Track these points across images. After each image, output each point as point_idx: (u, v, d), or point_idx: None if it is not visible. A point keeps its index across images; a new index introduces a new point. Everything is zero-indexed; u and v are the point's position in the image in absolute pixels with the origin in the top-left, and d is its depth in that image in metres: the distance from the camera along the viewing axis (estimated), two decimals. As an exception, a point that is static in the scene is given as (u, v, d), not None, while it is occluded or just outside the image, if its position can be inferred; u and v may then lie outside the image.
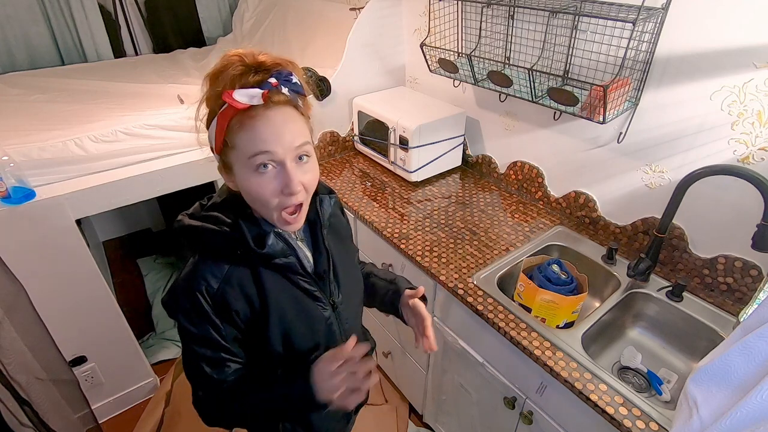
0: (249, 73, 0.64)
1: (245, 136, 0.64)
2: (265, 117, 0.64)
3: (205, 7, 2.80)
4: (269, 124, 0.64)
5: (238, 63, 0.64)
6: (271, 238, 0.72)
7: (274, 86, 0.63)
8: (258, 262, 0.73)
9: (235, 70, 0.63)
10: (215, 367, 0.74)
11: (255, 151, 0.64)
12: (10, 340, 1.44)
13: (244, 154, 0.65)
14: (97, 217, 2.84)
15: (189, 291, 0.70)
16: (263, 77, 0.64)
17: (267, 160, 0.65)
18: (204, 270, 0.71)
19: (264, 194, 0.67)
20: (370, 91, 1.95)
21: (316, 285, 0.80)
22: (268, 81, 0.63)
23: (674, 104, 1.17)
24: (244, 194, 0.70)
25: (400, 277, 1.02)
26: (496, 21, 1.46)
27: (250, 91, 0.62)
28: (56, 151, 1.48)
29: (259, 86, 0.63)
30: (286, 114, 0.66)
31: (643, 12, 1.04)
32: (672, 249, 1.28)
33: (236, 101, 0.61)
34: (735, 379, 0.61)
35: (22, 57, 2.31)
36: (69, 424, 1.70)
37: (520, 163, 1.66)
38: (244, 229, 0.70)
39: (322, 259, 0.81)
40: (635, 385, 1.13)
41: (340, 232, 0.91)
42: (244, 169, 0.66)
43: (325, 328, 0.82)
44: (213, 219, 0.72)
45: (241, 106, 0.62)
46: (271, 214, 0.70)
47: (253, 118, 0.63)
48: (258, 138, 0.64)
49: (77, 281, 1.61)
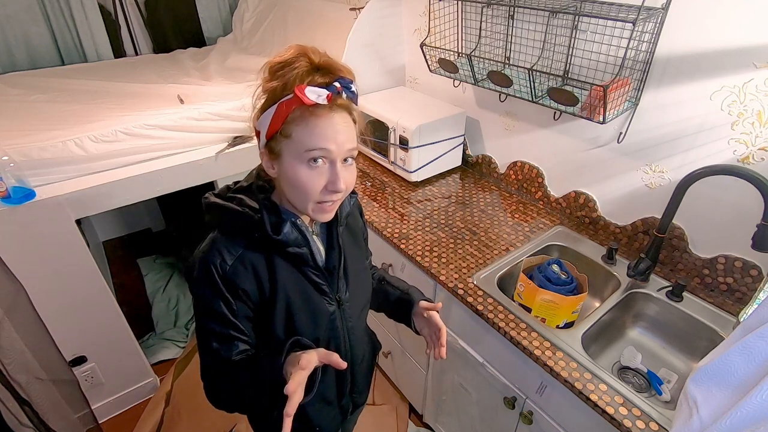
0: (315, 73, 0.68)
1: (306, 131, 0.68)
2: (329, 117, 0.68)
3: (205, 7, 2.80)
4: (331, 124, 0.68)
5: (305, 61, 0.68)
6: (287, 227, 0.75)
7: (339, 90, 0.68)
8: (272, 249, 0.76)
9: (303, 67, 0.67)
10: (223, 342, 0.76)
11: (314, 146, 0.68)
12: (10, 340, 1.44)
13: (301, 146, 0.69)
14: (97, 217, 2.84)
15: (204, 263, 0.73)
16: (330, 80, 0.68)
17: (321, 156, 0.69)
18: (221, 245, 0.74)
19: (310, 186, 0.70)
20: (370, 91, 1.95)
21: (324, 279, 0.82)
22: (334, 84, 0.68)
23: (674, 104, 1.17)
24: (285, 181, 0.73)
25: (413, 288, 1.03)
26: (496, 21, 1.46)
27: (319, 90, 0.66)
28: (56, 151, 1.48)
29: (326, 87, 0.67)
30: (344, 118, 0.70)
31: (643, 12, 1.04)
32: (672, 249, 1.28)
33: (306, 97, 0.65)
34: (735, 379, 0.61)
35: (22, 57, 2.31)
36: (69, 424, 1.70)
37: (520, 163, 1.66)
38: (264, 214, 0.74)
39: (333, 254, 0.84)
40: (635, 385, 1.13)
41: (355, 232, 0.93)
42: (296, 160, 0.70)
43: (328, 323, 0.84)
44: (238, 201, 0.75)
45: (310, 102, 0.66)
46: (307, 205, 0.73)
47: (317, 116, 0.67)
48: (320, 135, 0.68)
49: (77, 281, 1.61)
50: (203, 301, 0.75)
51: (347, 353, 0.90)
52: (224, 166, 1.78)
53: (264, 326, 0.79)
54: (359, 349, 0.95)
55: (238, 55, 2.39)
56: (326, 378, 0.88)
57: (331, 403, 0.95)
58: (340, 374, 0.91)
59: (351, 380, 0.95)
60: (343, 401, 0.97)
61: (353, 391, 0.98)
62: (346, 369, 0.90)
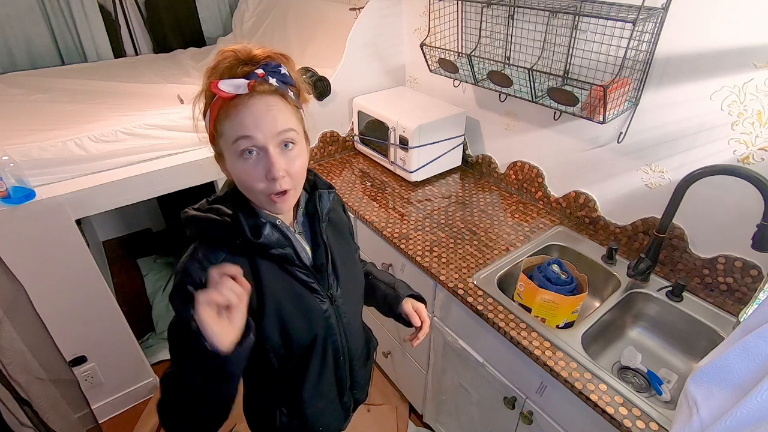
0: (239, 66, 0.67)
1: (229, 123, 0.67)
2: (247, 104, 0.66)
3: (205, 7, 2.80)
4: (250, 111, 0.66)
5: (231, 56, 0.67)
6: (267, 229, 0.74)
7: (261, 77, 0.66)
8: (256, 253, 0.75)
9: (225, 64, 0.67)
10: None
11: (236, 136, 0.67)
12: (10, 340, 1.44)
13: (228, 140, 0.68)
14: (97, 217, 2.84)
15: (182, 276, 0.72)
16: (251, 69, 0.67)
17: (249, 145, 0.67)
18: (201, 256, 0.72)
19: (249, 179, 0.69)
20: (370, 91, 1.95)
21: (313, 277, 0.81)
22: (255, 72, 0.66)
23: (674, 104, 1.17)
24: (235, 181, 0.73)
25: (400, 281, 1.03)
26: (496, 21, 1.46)
27: (236, 81, 0.65)
28: (56, 151, 1.48)
29: (246, 77, 0.66)
30: (269, 102, 0.68)
31: (643, 12, 1.04)
32: (672, 249, 1.28)
33: (221, 90, 0.64)
34: (735, 379, 0.61)
35: (22, 57, 2.31)
36: (69, 424, 1.70)
37: (520, 163, 1.66)
38: (242, 219, 0.73)
39: (320, 251, 0.83)
40: (635, 385, 1.13)
41: (339, 227, 0.92)
42: (231, 156, 0.69)
43: (323, 321, 0.83)
44: (215, 210, 0.75)
45: (225, 95, 0.65)
46: (259, 198, 0.72)
47: (236, 106, 0.66)
48: (239, 123, 0.66)
49: (77, 281, 1.60)
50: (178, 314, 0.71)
51: (344, 349, 0.90)
52: (224, 166, 1.78)
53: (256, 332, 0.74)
54: (356, 344, 0.94)
55: (238, 55, 2.39)
56: (325, 377, 0.88)
57: (332, 402, 0.94)
58: (339, 372, 0.91)
59: (350, 377, 0.95)
60: (344, 398, 0.96)
61: (353, 388, 0.98)
62: (343, 365, 0.91)
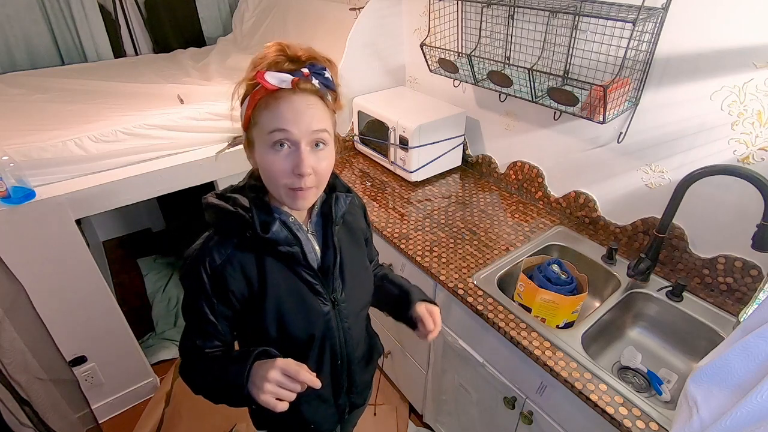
0: (285, 61, 0.69)
1: (268, 114, 0.69)
2: (289, 99, 0.68)
3: (205, 7, 2.80)
4: (291, 106, 0.68)
5: (278, 51, 0.69)
6: (276, 225, 0.75)
7: (306, 76, 0.68)
8: (264, 248, 0.76)
9: (272, 56, 0.69)
10: (200, 335, 0.79)
11: (273, 127, 0.68)
12: (10, 340, 1.44)
13: (264, 130, 0.69)
14: (97, 217, 2.84)
15: (194, 260, 0.76)
16: (297, 66, 0.69)
17: (283, 138, 0.69)
18: (212, 245, 0.76)
19: (275, 170, 0.70)
20: (370, 91, 1.95)
21: (318, 279, 0.81)
22: (301, 70, 0.68)
23: (674, 104, 1.17)
24: (260, 171, 0.74)
25: (415, 287, 1.02)
26: (496, 21, 1.46)
27: (281, 75, 0.67)
28: (56, 151, 1.48)
29: (291, 73, 0.68)
30: (309, 100, 0.70)
31: (643, 12, 1.04)
32: (672, 249, 1.28)
33: (267, 81, 0.66)
34: (735, 379, 0.61)
35: (22, 57, 2.31)
36: (69, 424, 1.70)
37: (520, 163, 1.66)
38: (254, 212, 0.74)
39: (329, 253, 0.84)
40: (635, 385, 1.13)
41: (354, 232, 0.92)
42: (263, 145, 0.71)
43: (322, 323, 0.84)
44: (232, 200, 0.76)
45: (270, 87, 0.66)
46: (279, 191, 0.73)
47: (277, 99, 0.68)
48: (278, 116, 0.68)
49: (77, 281, 1.60)
50: (189, 294, 0.78)
51: (343, 353, 0.90)
52: (224, 166, 1.78)
53: (255, 324, 0.80)
54: (356, 349, 0.94)
55: (238, 55, 2.38)
56: (321, 376, 0.88)
57: (327, 401, 0.94)
58: (335, 373, 0.91)
59: (348, 380, 0.95)
60: (339, 401, 0.96)
61: (351, 392, 0.98)
62: (341, 368, 0.91)
